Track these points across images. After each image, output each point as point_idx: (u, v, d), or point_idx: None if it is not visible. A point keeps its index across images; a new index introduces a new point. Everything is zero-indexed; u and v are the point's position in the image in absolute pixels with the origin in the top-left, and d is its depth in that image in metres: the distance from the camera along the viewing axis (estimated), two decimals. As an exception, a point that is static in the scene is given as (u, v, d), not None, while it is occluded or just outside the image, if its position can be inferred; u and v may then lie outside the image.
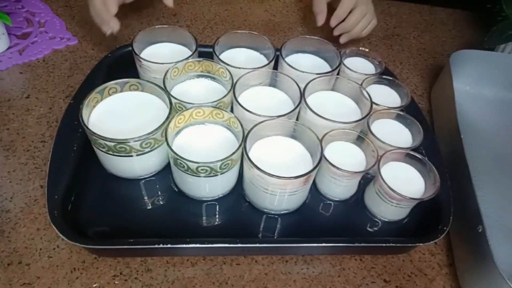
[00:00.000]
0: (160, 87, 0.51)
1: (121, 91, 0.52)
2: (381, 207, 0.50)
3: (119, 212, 0.49)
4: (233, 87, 0.52)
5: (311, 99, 0.55)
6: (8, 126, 0.57)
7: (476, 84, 0.72)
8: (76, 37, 0.71)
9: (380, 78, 0.60)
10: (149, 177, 0.52)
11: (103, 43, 0.71)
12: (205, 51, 0.62)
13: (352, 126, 0.51)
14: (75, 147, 0.51)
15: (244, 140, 0.46)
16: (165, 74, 0.52)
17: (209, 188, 0.49)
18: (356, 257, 0.49)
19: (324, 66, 0.63)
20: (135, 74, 0.59)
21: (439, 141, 0.59)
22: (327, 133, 0.49)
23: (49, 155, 0.50)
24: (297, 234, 0.49)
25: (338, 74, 0.60)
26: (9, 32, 0.69)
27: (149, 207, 0.50)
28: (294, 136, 0.51)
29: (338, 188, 0.51)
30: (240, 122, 0.47)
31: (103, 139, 0.44)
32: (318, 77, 0.55)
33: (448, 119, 0.61)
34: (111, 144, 0.45)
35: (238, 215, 0.50)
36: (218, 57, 0.57)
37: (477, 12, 0.93)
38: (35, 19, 0.73)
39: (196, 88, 0.56)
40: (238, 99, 0.51)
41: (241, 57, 0.62)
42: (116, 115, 0.50)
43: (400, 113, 0.56)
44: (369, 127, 0.52)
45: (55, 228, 0.43)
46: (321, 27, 0.75)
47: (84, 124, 0.46)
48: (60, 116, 0.54)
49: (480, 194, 0.50)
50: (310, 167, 0.45)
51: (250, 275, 0.46)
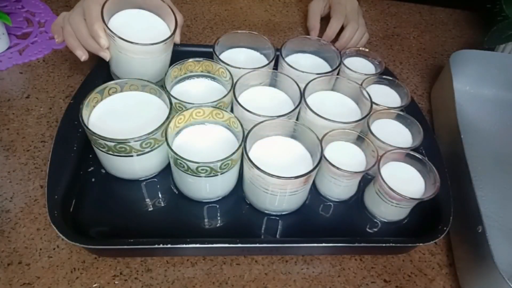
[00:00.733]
0: (160, 87, 0.51)
1: (121, 91, 0.52)
2: (381, 207, 0.50)
3: (119, 212, 0.49)
4: (233, 87, 0.52)
5: (311, 99, 0.55)
6: (8, 126, 0.57)
7: (476, 84, 0.72)
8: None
9: (380, 78, 0.60)
10: (149, 178, 0.52)
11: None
12: (205, 51, 0.62)
13: (352, 126, 0.51)
14: (75, 147, 0.51)
15: (244, 140, 0.46)
16: (165, 74, 0.53)
17: (209, 189, 0.49)
18: (356, 257, 0.49)
19: (324, 66, 0.63)
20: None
21: (439, 141, 0.59)
22: (327, 133, 0.49)
23: (49, 155, 0.50)
24: (297, 234, 0.49)
25: (338, 74, 0.60)
26: (9, 32, 0.69)
27: (149, 208, 0.50)
28: (294, 136, 0.51)
29: (338, 188, 0.51)
30: (240, 122, 0.47)
31: (103, 139, 0.44)
32: (318, 77, 0.55)
33: (448, 119, 0.61)
34: (111, 144, 0.45)
35: (238, 215, 0.50)
36: (218, 57, 0.57)
37: (477, 12, 0.93)
38: (35, 19, 0.74)
39: (196, 88, 0.56)
40: (238, 99, 0.51)
41: (241, 57, 0.62)
42: (116, 115, 0.50)
43: (400, 113, 0.56)
44: (369, 127, 0.52)
45: (55, 228, 0.43)
46: (322, 27, 0.75)
47: (84, 124, 0.46)
48: (60, 116, 0.54)
49: (480, 194, 0.50)
50: (310, 167, 0.45)
51: (250, 275, 0.46)
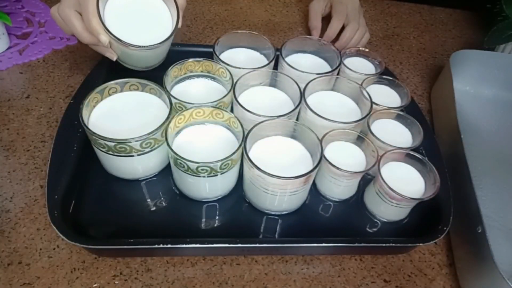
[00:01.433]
0: (160, 87, 0.51)
1: (121, 91, 0.52)
2: (381, 207, 0.50)
3: (119, 212, 0.49)
4: (233, 87, 0.52)
5: (311, 99, 0.55)
6: (8, 126, 0.57)
7: (476, 84, 0.72)
8: (76, 37, 0.71)
9: (380, 78, 0.60)
10: (149, 178, 0.52)
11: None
12: (205, 51, 0.62)
13: (352, 126, 0.51)
14: (75, 147, 0.51)
15: (244, 140, 0.46)
16: (165, 74, 0.53)
17: (209, 189, 0.49)
18: (356, 257, 0.49)
19: (324, 66, 0.63)
20: (134, 73, 0.59)
21: (439, 141, 0.59)
22: (327, 133, 0.50)
23: (49, 155, 0.50)
24: (297, 234, 0.49)
25: (338, 74, 0.60)
26: (9, 32, 0.69)
27: (149, 208, 0.50)
28: (294, 136, 0.51)
29: (338, 188, 0.51)
30: (240, 122, 0.47)
31: (103, 139, 0.44)
32: (318, 77, 0.55)
33: (448, 119, 0.61)
34: (111, 144, 0.45)
35: (238, 215, 0.50)
36: (218, 57, 0.57)
37: (477, 12, 0.93)
38: (35, 19, 0.74)
39: (196, 88, 0.56)
40: (238, 99, 0.51)
41: (241, 57, 0.62)
42: (116, 115, 0.50)
43: (400, 113, 0.56)
44: (369, 127, 0.52)
45: (55, 228, 0.43)
46: (322, 27, 0.75)
47: (84, 124, 0.46)
48: (60, 116, 0.54)
49: (480, 194, 0.50)
50: (310, 167, 0.45)
51: (250, 275, 0.46)
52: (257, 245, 0.46)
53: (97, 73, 0.60)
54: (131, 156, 0.47)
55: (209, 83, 0.57)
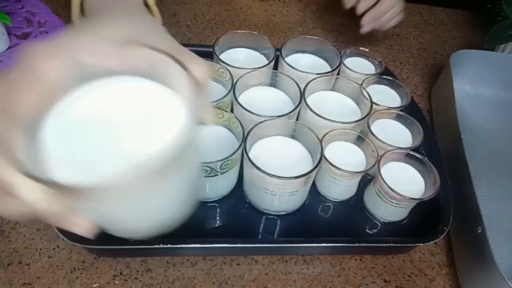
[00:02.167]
0: None
1: None
2: (381, 207, 0.50)
3: None
4: (233, 87, 0.52)
5: (311, 99, 0.55)
6: (8, 126, 0.57)
7: (476, 84, 0.72)
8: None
9: (380, 78, 0.60)
10: None
11: (103, 43, 0.71)
12: (205, 51, 0.61)
13: (352, 126, 0.51)
14: None
15: (244, 140, 0.46)
16: None
17: (209, 189, 0.49)
18: (356, 257, 0.49)
19: (325, 66, 0.63)
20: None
21: (439, 141, 0.59)
22: (327, 133, 0.49)
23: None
24: (297, 234, 0.49)
25: (338, 74, 0.60)
26: (9, 32, 0.69)
27: None
28: (294, 136, 0.51)
29: (338, 189, 0.51)
30: (240, 122, 0.47)
31: None
32: (318, 77, 0.55)
33: (448, 119, 0.61)
34: None
35: (238, 215, 0.50)
36: (218, 57, 0.56)
37: (477, 12, 0.93)
38: (35, 19, 0.73)
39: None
40: (238, 99, 0.51)
41: (241, 57, 0.62)
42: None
43: (400, 113, 0.56)
44: (369, 127, 0.52)
45: (55, 228, 0.43)
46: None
47: None
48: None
49: (480, 194, 0.50)
50: (310, 167, 0.45)
51: (250, 275, 0.46)
52: (257, 245, 0.46)
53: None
54: None
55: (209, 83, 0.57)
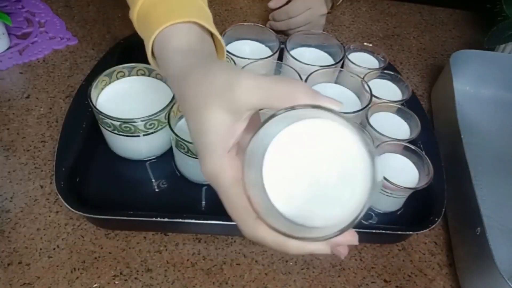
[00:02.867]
0: None
1: (129, 75, 0.54)
2: (376, 197, 0.51)
3: (121, 191, 0.51)
4: None
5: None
6: (8, 126, 0.57)
7: (476, 84, 0.72)
8: (76, 37, 0.71)
9: (382, 72, 0.61)
10: (152, 159, 0.54)
11: (103, 43, 0.71)
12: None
13: (351, 117, 0.51)
14: (84, 125, 0.53)
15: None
16: None
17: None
18: (356, 257, 0.49)
19: (329, 60, 0.63)
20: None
21: (439, 141, 0.59)
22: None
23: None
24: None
25: (342, 67, 0.61)
26: (9, 32, 0.69)
27: (150, 188, 0.52)
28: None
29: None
30: None
31: (110, 119, 0.47)
32: (320, 69, 0.56)
33: (448, 119, 0.61)
34: (117, 123, 0.47)
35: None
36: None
37: (477, 12, 0.93)
38: (35, 19, 0.73)
39: None
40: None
41: (246, 49, 0.63)
42: (123, 98, 0.52)
43: (400, 107, 0.56)
44: (367, 118, 0.53)
45: (61, 198, 0.45)
46: (324, 26, 0.75)
47: (92, 104, 0.48)
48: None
49: (480, 194, 0.50)
50: None
51: (250, 275, 0.46)
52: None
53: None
54: (136, 136, 0.49)
55: None
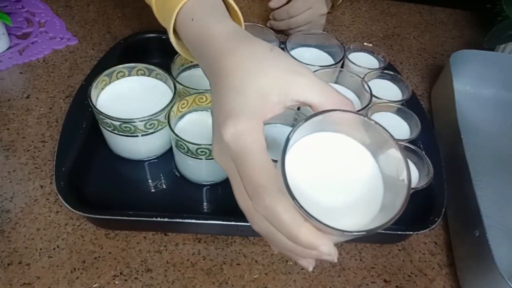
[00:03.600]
0: (166, 73, 0.53)
1: (129, 75, 0.54)
2: None
3: (121, 191, 0.51)
4: None
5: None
6: (8, 126, 0.57)
7: (476, 84, 0.72)
8: (76, 37, 0.71)
9: (382, 73, 0.61)
10: (152, 159, 0.54)
11: (103, 43, 0.71)
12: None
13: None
14: (84, 125, 0.53)
15: None
16: (172, 62, 0.54)
17: (209, 171, 0.50)
18: (356, 257, 0.49)
19: (329, 60, 0.63)
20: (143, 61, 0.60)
21: (439, 141, 0.59)
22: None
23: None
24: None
25: (342, 67, 0.61)
26: (9, 32, 0.69)
27: (150, 188, 0.52)
28: (294, 125, 0.51)
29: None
30: None
31: (110, 118, 0.47)
32: (320, 69, 0.56)
33: (448, 119, 0.61)
34: (117, 123, 0.47)
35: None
36: None
37: (477, 12, 0.93)
38: (35, 19, 0.73)
39: (202, 75, 0.57)
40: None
41: None
42: (123, 98, 0.52)
43: (400, 107, 0.56)
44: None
45: (61, 198, 0.45)
46: (324, 26, 0.75)
47: (92, 104, 0.48)
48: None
49: (480, 194, 0.50)
50: None
51: (250, 275, 0.46)
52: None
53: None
54: (135, 136, 0.49)
55: None
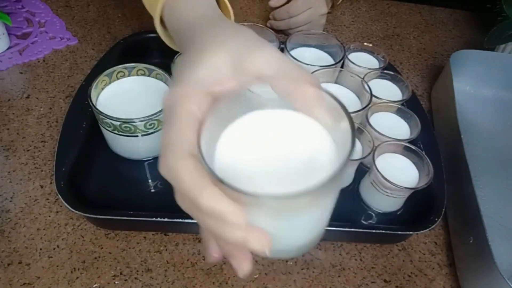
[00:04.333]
0: (166, 73, 0.53)
1: (129, 75, 0.54)
2: (376, 197, 0.51)
3: (120, 190, 0.51)
4: None
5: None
6: (8, 126, 0.57)
7: (476, 84, 0.72)
8: (76, 37, 0.71)
9: (382, 73, 0.61)
10: (152, 159, 0.54)
11: (103, 43, 0.71)
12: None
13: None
14: (84, 125, 0.53)
15: None
16: (172, 62, 0.54)
17: None
18: (356, 257, 0.49)
19: (329, 60, 0.63)
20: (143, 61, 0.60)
21: (439, 141, 0.59)
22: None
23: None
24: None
25: (342, 67, 0.61)
26: (9, 32, 0.69)
27: (149, 188, 0.52)
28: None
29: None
30: None
31: (110, 118, 0.47)
32: (320, 69, 0.56)
33: (448, 119, 0.61)
34: (117, 123, 0.47)
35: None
36: None
37: (477, 12, 0.93)
38: (35, 19, 0.73)
39: None
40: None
41: None
42: (123, 98, 0.52)
43: (400, 107, 0.56)
44: (367, 118, 0.53)
45: (61, 198, 0.45)
46: (324, 26, 0.75)
47: (92, 104, 0.48)
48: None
49: (480, 194, 0.50)
50: None
51: (250, 275, 0.46)
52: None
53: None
54: (135, 136, 0.49)
55: None
